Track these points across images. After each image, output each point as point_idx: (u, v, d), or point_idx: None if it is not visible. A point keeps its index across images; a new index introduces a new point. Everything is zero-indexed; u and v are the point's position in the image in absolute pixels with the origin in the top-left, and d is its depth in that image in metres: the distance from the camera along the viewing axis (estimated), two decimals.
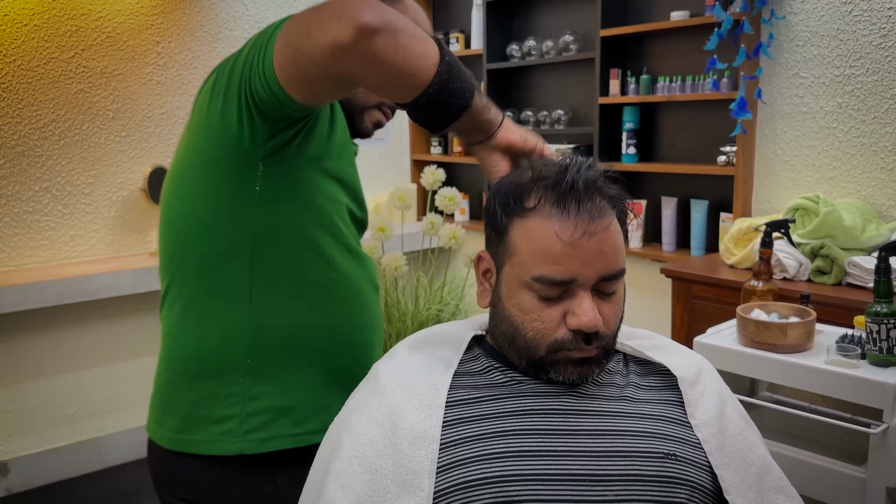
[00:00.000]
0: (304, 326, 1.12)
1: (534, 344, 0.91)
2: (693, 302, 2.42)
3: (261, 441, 1.10)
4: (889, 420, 1.46)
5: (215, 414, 1.11)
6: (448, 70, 0.91)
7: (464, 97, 0.93)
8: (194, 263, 1.11)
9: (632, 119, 3.05)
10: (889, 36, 2.31)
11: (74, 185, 2.98)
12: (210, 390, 1.11)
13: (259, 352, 1.10)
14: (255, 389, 1.11)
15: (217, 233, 1.08)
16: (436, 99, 0.91)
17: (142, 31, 3.09)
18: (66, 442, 3.01)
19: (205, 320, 1.11)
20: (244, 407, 1.10)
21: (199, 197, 1.08)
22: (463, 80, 0.93)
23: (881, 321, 1.53)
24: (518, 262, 0.91)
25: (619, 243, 0.91)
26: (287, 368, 1.12)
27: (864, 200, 2.42)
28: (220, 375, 1.11)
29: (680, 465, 0.88)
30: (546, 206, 0.89)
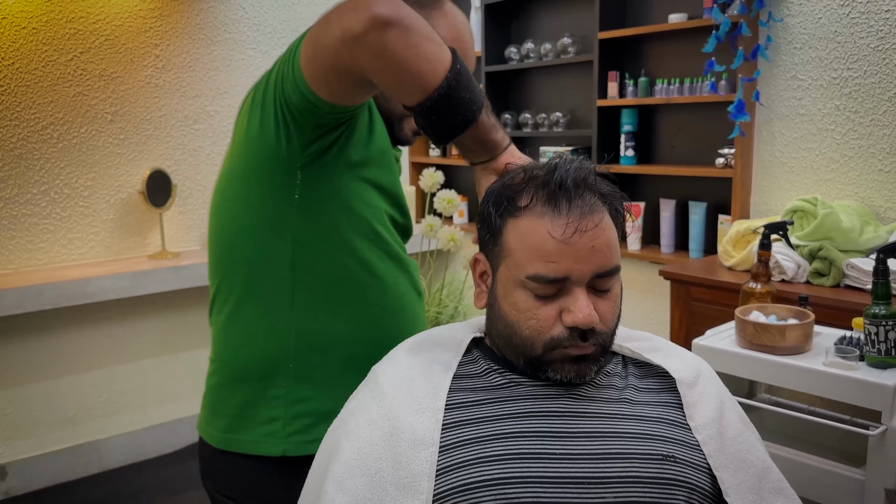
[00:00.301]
0: (345, 333, 1.14)
1: (530, 342, 0.91)
2: (692, 304, 2.42)
3: (303, 443, 1.13)
4: (888, 422, 1.46)
5: (261, 416, 1.14)
6: (457, 79, 0.92)
7: (470, 110, 0.93)
8: (238, 270, 1.14)
9: (630, 121, 3.05)
10: (886, 38, 2.32)
11: (73, 188, 2.98)
12: (256, 393, 1.14)
13: (302, 357, 1.13)
14: (298, 393, 1.14)
15: (259, 241, 1.11)
16: (441, 105, 0.91)
17: (140, 34, 3.09)
18: (64, 445, 3.00)
19: (249, 326, 1.14)
20: (288, 409, 1.13)
21: (241, 206, 1.12)
22: (472, 93, 0.93)
23: (879, 323, 1.53)
24: (512, 261, 0.91)
25: (611, 239, 0.92)
26: (329, 373, 1.14)
27: (862, 202, 2.43)
28: (265, 379, 1.14)
29: (679, 467, 0.88)
30: (538, 204, 0.90)
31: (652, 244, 3.13)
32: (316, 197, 1.09)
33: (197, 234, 3.31)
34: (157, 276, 2.90)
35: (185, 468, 3.10)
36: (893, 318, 1.53)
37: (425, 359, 0.98)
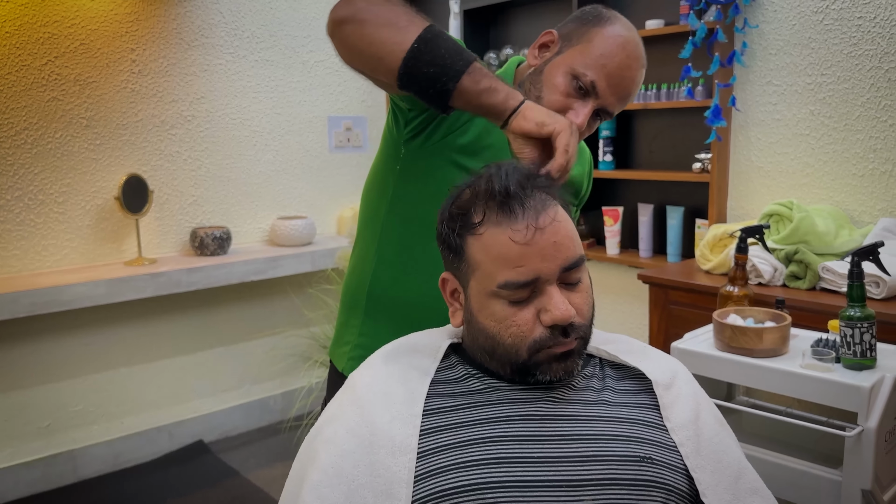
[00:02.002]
0: (410, 291, 1.30)
1: (514, 350, 0.91)
2: (670, 307, 2.43)
3: (354, 368, 1.28)
4: (863, 423, 1.47)
5: (344, 337, 1.39)
6: (417, 56, 1.00)
7: (440, 81, 1.00)
8: (361, 217, 1.40)
9: (608, 126, 3.07)
10: (859, 45, 2.35)
11: (47, 194, 2.94)
12: (346, 318, 1.40)
13: (374, 298, 1.34)
14: (368, 327, 1.35)
15: (373, 195, 1.35)
16: (410, 82, 1.02)
17: (116, 39, 3.06)
18: (39, 455, 2.96)
19: (353, 264, 1.40)
20: (358, 338, 1.35)
21: (374, 168, 1.36)
22: (440, 66, 1.00)
23: (854, 325, 1.54)
24: (481, 275, 0.92)
25: (570, 231, 0.93)
26: (393, 319, 1.31)
27: (837, 206, 2.45)
28: (351, 308, 1.38)
29: (656, 469, 0.88)
30: (492, 215, 0.91)
31: (630, 248, 3.15)
32: (411, 170, 1.26)
33: (174, 239, 3.28)
34: (133, 283, 2.87)
35: (163, 477, 3.07)
36: (868, 321, 1.54)
37: (402, 365, 0.98)
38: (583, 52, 1.18)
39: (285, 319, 3.60)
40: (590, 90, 1.17)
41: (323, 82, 3.71)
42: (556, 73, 1.19)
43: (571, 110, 1.18)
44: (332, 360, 1.44)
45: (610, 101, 1.20)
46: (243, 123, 3.45)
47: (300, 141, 3.66)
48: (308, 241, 3.49)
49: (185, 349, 3.33)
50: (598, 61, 1.17)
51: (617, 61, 1.18)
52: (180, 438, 3.32)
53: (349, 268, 1.42)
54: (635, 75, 1.21)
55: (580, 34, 1.21)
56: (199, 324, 3.35)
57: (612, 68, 1.18)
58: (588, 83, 1.17)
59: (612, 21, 1.21)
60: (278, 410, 3.63)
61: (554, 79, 1.19)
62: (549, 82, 1.19)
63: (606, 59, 1.17)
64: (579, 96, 1.18)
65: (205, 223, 3.37)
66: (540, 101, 1.18)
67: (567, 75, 1.18)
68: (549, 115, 1.02)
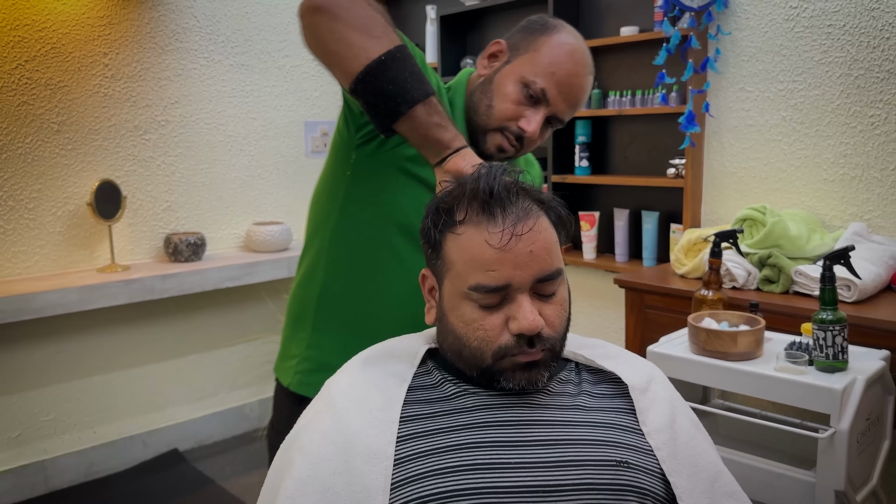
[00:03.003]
0: (362, 306, 1.27)
1: (479, 353, 0.91)
2: (645, 311, 2.45)
3: (301, 383, 1.32)
4: (836, 425, 1.49)
5: (290, 350, 1.36)
6: (381, 69, 0.99)
7: (394, 102, 1.00)
8: (309, 225, 1.36)
9: (584, 132, 3.09)
10: (829, 52, 2.39)
11: (17, 200, 2.89)
12: (292, 331, 1.37)
13: (322, 311, 1.30)
14: (315, 340, 1.32)
15: (322, 202, 1.32)
16: (363, 91, 1.01)
17: (88, 42, 3.02)
18: (9, 466, 2.90)
19: (300, 274, 1.37)
20: (304, 351, 1.32)
21: (323, 173, 1.34)
22: (400, 87, 1.00)
23: (827, 328, 1.56)
24: (455, 274, 0.91)
25: (549, 243, 0.92)
26: (338, 334, 1.29)
27: (809, 211, 2.49)
28: (299, 321, 1.35)
29: (632, 473, 0.88)
30: (473, 215, 0.91)
31: (606, 253, 3.16)
32: (363, 175, 1.24)
33: (147, 246, 3.24)
34: (106, 290, 2.83)
35: (137, 487, 3.02)
36: (840, 323, 1.56)
37: (379, 371, 0.97)
38: (532, 60, 1.20)
39: (261, 326, 3.57)
40: (540, 98, 1.20)
41: (299, 87, 3.70)
42: (507, 81, 1.21)
43: (523, 118, 1.20)
44: (277, 375, 1.39)
45: (561, 109, 1.22)
46: (218, 128, 3.43)
47: (276, 146, 3.64)
48: (284, 247, 3.47)
49: (160, 356, 3.28)
50: (548, 69, 1.19)
51: (566, 69, 1.20)
52: (155, 447, 3.27)
53: (297, 279, 1.39)
54: (584, 82, 1.23)
55: (528, 43, 1.22)
56: (173, 331, 3.31)
57: (561, 76, 1.20)
58: (538, 91, 1.19)
59: (559, 29, 1.23)
60: (254, 418, 3.60)
61: (504, 88, 1.21)
62: (500, 91, 1.21)
63: (555, 67, 1.20)
64: (530, 104, 1.20)
65: (179, 229, 3.33)
66: (491, 109, 1.21)
67: (517, 84, 1.20)
68: (483, 163, 1.02)
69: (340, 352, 1.21)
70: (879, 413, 1.65)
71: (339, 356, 1.20)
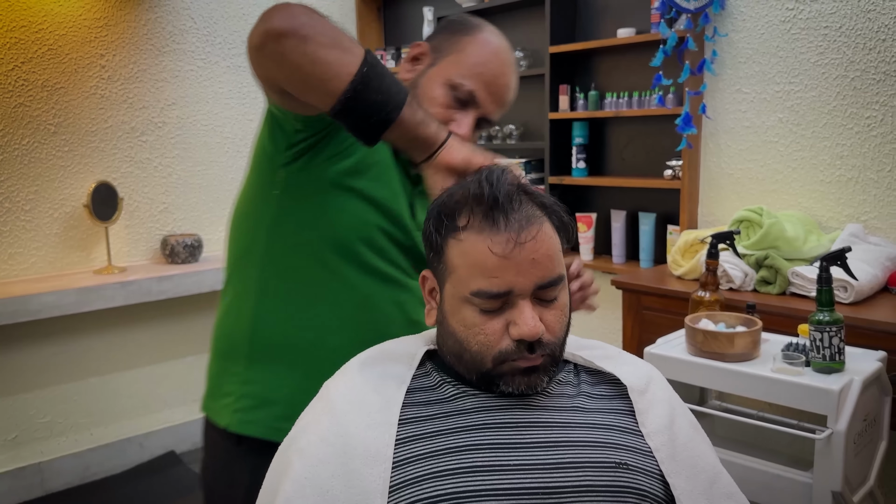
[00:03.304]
0: (300, 331, 1.17)
1: (479, 358, 0.91)
2: (643, 313, 2.45)
3: (243, 422, 1.19)
4: (833, 426, 1.49)
5: (223, 388, 1.23)
6: (364, 82, 0.94)
7: (384, 111, 0.95)
8: (232, 251, 1.26)
9: (581, 134, 3.09)
10: (825, 54, 2.40)
11: (14, 202, 2.88)
12: (223, 366, 1.24)
13: (257, 343, 1.19)
14: (251, 375, 1.19)
15: (246, 226, 1.21)
16: (352, 108, 0.95)
17: (85, 44, 3.02)
18: (5, 468, 2.89)
19: (227, 304, 1.25)
20: (240, 387, 1.20)
21: (243, 194, 1.24)
22: (385, 94, 0.95)
23: (823, 329, 1.57)
24: (457, 279, 0.91)
25: (552, 249, 0.91)
26: (279, 366, 1.18)
27: (806, 212, 2.49)
28: (228, 355, 1.23)
29: (631, 474, 0.88)
30: (476, 221, 0.90)
31: (604, 254, 3.17)
32: (293, 194, 1.15)
33: (144, 247, 3.24)
34: (103, 292, 2.82)
35: (134, 489, 3.02)
36: (837, 325, 1.57)
37: (378, 373, 0.97)
38: (457, 62, 1.16)
39: None
40: (469, 100, 1.16)
41: None
42: (433, 85, 1.16)
43: (454, 122, 1.16)
44: (208, 415, 1.25)
45: (490, 109, 1.18)
46: (215, 130, 3.42)
47: None
48: None
49: (156, 358, 3.28)
50: (474, 70, 1.16)
51: (492, 69, 1.17)
52: (151, 449, 3.27)
53: (221, 310, 1.26)
54: (510, 81, 1.20)
55: (451, 44, 1.18)
56: (170, 333, 3.31)
57: (488, 76, 1.17)
58: (466, 93, 1.15)
59: (481, 29, 1.20)
60: None
61: (431, 91, 1.16)
62: (427, 95, 1.16)
63: (482, 68, 1.16)
64: (459, 107, 1.16)
65: (175, 231, 3.33)
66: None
67: (444, 87, 1.16)
68: (472, 150, 1.01)
69: (283, 385, 1.17)
70: (876, 414, 1.66)
71: (281, 390, 1.17)
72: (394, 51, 3.90)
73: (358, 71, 0.94)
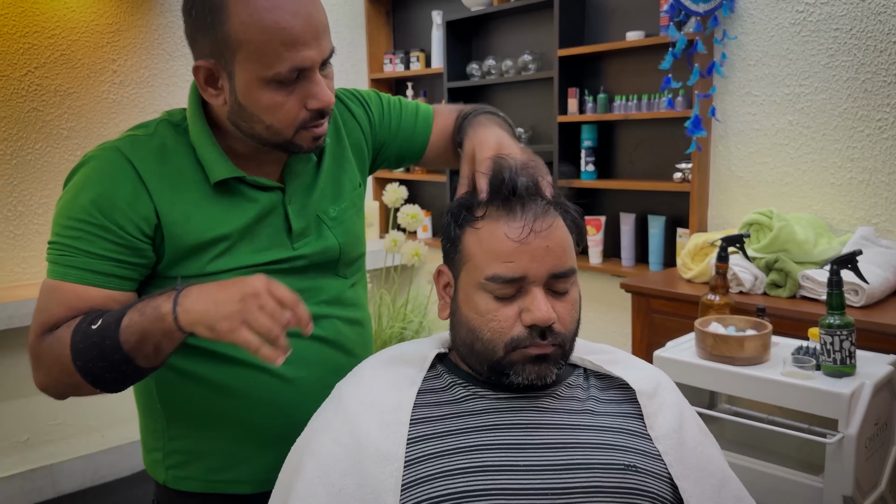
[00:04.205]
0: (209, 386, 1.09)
1: (491, 345, 0.92)
2: (652, 316, 2.45)
3: (178, 478, 1.14)
4: (844, 430, 1.49)
5: (151, 444, 1.17)
6: (83, 357, 0.93)
7: (116, 356, 0.91)
8: None
9: (590, 137, 3.09)
10: (836, 56, 2.39)
11: (27, 206, 2.91)
12: (146, 421, 1.17)
13: (169, 402, 1.12)
14: (172, 430, 1.13)
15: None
16: (98, 371, 0.93)
17: (97, 49, 3.04)
18: (17, 470, 2.91)
19: None
20: (166, 444, 1.14)
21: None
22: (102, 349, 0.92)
23: (834, 332, 1.56)
24: (472, 266, 0.94)
25: (565, 241, 0.95)
26: (198, 421, 1.12)
27: (816, 215, 2.48)
28: (147, 410, 1.16)
29: (640, 477, 0.89)
30: (493, 211, 0.94)
31: (613, 257, 3.16)
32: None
33: None
34: None
35: (143, 492, 3.03)
36: (848, 328, 1.56)
37: (390, 374, 0.98)
38: (248, 55, 0.96)
39: None
40: (296, 75, 0.98)
41: None
42: (255, 96, 0.99)
43: (308, 101, 1.00)
44: (149, 472, 1.19)
45: (314, 54, 0.97)
46: None
47: None
48: None
49: None
50: (271, 46, 0.95)
51: (283, 24, 0.95)
52: None
53: None
54: (301, 10, 0.96)
55: (222, 42, 0.97)
56: None
57: (286, 35, 0.95)
58: (287, 74, 0.97)
59: (228, 3, 0.96)
60: None
61: (259, 102, 0.99)
62: (259, 107, 0.99)
63: (274, 35, 0.94)
64: (294, 88, 0.99)
65: None
66: (272, 127, 1.01)
67: (266, 89, 0.98)
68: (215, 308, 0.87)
69: (205, 437, 1.11)
70: (888, 418, 1.65)
71: (206, 442, 1.11)
72: (402, 54, 3.91)
73: (72, 360, 0.94)
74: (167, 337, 0.91)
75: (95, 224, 0.99)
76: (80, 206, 0.99)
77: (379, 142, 1.29)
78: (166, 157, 1.04)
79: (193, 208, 1.04)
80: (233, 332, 0.85)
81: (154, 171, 1.02)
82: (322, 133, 1.05)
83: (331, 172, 1.18)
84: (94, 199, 0.99)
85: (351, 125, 1.24)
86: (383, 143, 1.30)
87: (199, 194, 1.05)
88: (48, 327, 1.00)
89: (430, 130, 1.31)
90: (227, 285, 0.89)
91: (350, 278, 1.21)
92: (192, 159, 1.05)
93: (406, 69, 3.91)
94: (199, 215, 1.04)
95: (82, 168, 1.03)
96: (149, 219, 1.01)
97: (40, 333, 1.00)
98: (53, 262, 1.01)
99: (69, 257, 1.00)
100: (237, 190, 1.07)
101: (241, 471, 1.10)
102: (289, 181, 1.12)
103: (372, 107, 1.28)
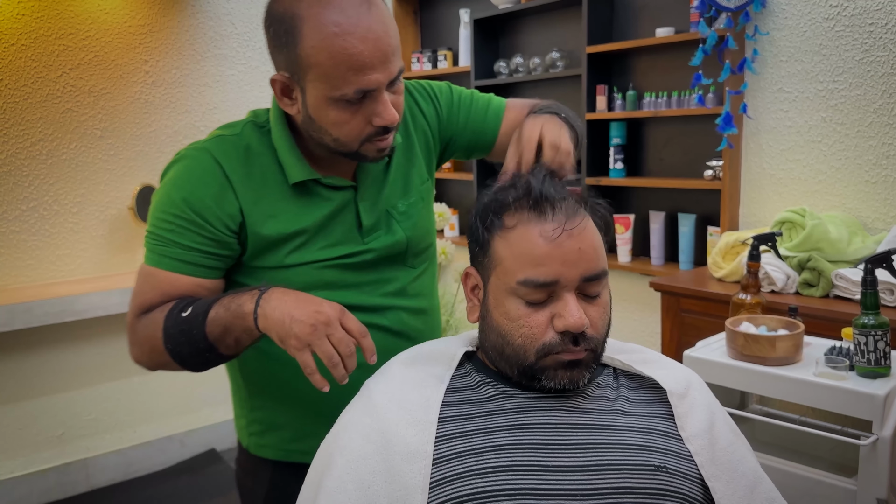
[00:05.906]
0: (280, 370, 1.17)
1: (522, 351, 0.91)
2: (682, 315, 2.43)
3: (258, 445, 1.25)
4: (878, 431, 1.46)
5: (237, 410, 1.30)
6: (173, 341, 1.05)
7: (201, 344, 1.03)
8: None
9: (619, 134, 3.07)
10: (871, 51, 2.35)
11: (62, 205, 2.96)
12: (234, 390, 1.29)
13: (250, 377, 1.23)
14: (254, 401, 1.24)
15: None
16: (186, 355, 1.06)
17: (130, 50, 3.09)
18: (52, 464, 2.97)
19: None
20: (249, 413, 1.26)
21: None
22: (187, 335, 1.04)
23: (868, 333, 1.54)
24: (503, 270, 0.93)
25: (597, 243, 0.94)
26: (275, 395, 1.21)
27: (850, 213, 2.44)
28: (235, 382, 1.28)
29: (671, 478, 0.88)
30: (524, 213, 0.93)
31: (642, 256, 3.14)
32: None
33: None
34: None
35: (174, 486, 3.08)
36: (882, 328, 1.53)
37: (418, 372, 0.98)
38: (317, 76, 1.01)
39: None
40: (361, 96, 1.03)
41: None
42: (323, 112, 1.04)
43: (374, 118, 1.05)
44: (238, 434, 1.31)
45: (380, 77, 1.02)
46: None
47: None
48: None
49: None
50: (337, 70, 0.99)
51: (351, 51, 0.98)
52: (192, 447, 3.33)
53: None
54: (374, 36, 1.00)
55: (294, 61, 1.02)
56: None
57: (354, 62, 0.99)
58: (353, 95, 1.01)
59: (306, 21, 1.00)
60: None
61: (327, 117, 1.05)
62: (327, 122, 1.06)
63: (340, 60, 0.99)
64: (360, 106, 1.04)
65: None
66: (339, 140, 1.07)
67: (334, 108, 1.03)
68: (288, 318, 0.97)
69: (285, 412, 1.20)
70: None
71: (285, 416, 1.21)
72: (430, 53, 3.92)
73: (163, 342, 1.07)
74: (246, 333, 1.02)
75: (187, 219, 1.09)
76: (173, 202, 1.09)
77: (447, 136, 1.33)
78: (251, 159, 1.13)
79: (274, 207, 1.12)
80: (297, 351, 0.95)
81: (240, 172, 1.11)
82: (387, 146, 1.11)
83: (400, 168, 1.24)
84: (186, 196, 1.09)
85: (419, 120, 1.29)
86: (451, 137, 1.33)
87: (280, 194, 1.13)
88: (144, 309, 1.11)
89: (500, 124, 1.33)
90: (305, 303, 0.97)
91: (418, 267, 1.27)
92: (273, 160, 1.14)
93: (434, 68, 3.92)
94: (279, 213, 1.12)
95: (175, 165, 1.14)
96: (234, 216, 1.10)
97: (137, 314, 1.11)
98: (150, 250, 1.11)
99: (163, 247, 1.10)
100: (313, 190, 1.15)
101: (311, 443, 1.13)
102: (361, 179, 1.19)
103: (441, 101, 1.32)
